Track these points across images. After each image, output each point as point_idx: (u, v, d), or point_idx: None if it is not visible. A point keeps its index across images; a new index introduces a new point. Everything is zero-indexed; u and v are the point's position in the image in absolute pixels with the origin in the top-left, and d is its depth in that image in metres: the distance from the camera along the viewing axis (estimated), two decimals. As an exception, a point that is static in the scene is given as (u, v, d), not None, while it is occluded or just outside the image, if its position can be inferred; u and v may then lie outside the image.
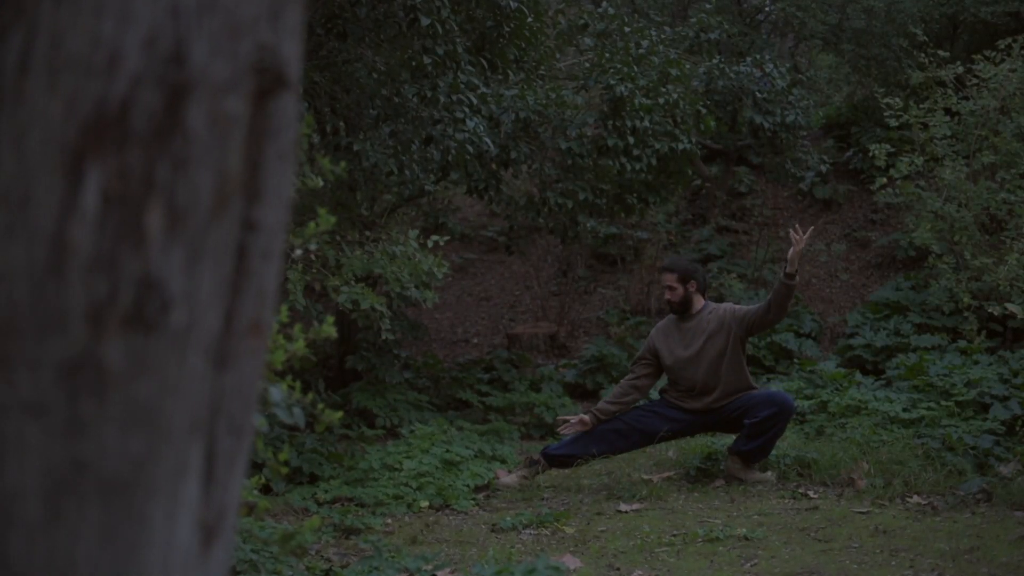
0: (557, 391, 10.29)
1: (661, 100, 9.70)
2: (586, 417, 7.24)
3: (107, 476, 1.21)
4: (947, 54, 10.99)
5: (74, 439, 1.20)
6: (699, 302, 7.33)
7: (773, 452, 7.25)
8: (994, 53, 10.53)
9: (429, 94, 8.02)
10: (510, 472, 7.47)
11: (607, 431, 7.26)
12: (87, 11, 1.20)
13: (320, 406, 2.84)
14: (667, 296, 7.34)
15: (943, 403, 7.81)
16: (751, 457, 7.10)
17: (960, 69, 10.54)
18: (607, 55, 9.76)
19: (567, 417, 7.36)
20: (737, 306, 7.34)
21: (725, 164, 14.20)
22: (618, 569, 5.42)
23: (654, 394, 7.95)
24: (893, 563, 5.21)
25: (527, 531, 6.25)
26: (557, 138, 9.70)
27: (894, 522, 5.97)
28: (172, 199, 1.21)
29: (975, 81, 10.51)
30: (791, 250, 6.91)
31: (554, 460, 7.36)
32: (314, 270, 7.47)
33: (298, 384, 2.69)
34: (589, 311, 13.11)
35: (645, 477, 7.33)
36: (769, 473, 7.18)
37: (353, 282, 7.40)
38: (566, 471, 7.48)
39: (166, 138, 1.21)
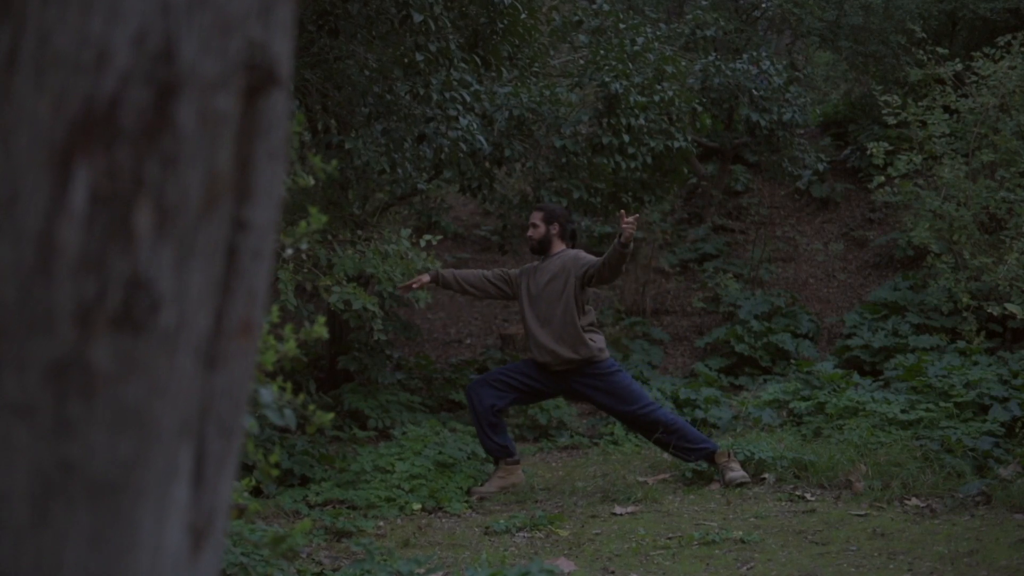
0: (552, 392, 10.22)
1: (656, 98, 9.65)
2: (426, 276, 7.43)
3: (95, 478, 1.21)
4: (946, 51, 10.99)
5: (62, 441, 1.20)
6: (558, 246, 7.56)
7: (770, 453, 7.26)
8: (993, 50, 10.53)
9: (422, 91, 7.99)
10: (481, 485, 7.45)
11: (481, 400, 7.36)
12: (75, 8, 1.20)
13: (311, 407, 2.84)
14: (529, 233, 7.59)
15: (942, 404, 7.78)
16: (692, 457, 7.23)
17: (959, 66, 10.52)
18: (602, 52, 9.71)
19: (409, 283, 7.43)
20: (585, 255, 7.47)
21: (721, 162, 14.15)
22: (613, 572, 5.42)
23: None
24: (891, 566, 5.21)
25: (521, 534, 6.25)
26: (551, 136, 9.68)
27: (892, 525, 5.97)
28: (161, 198, 1.22)
29: (974, 78, 10.48)
30: (625, 231, 6.98)
31: (494, 452, 7.39)
32: (305, 270, 7.43)
33: (289, 385, 2.68)
34: (584, 311, 13.05)
35: (640, 479, 7.34)
36: (766, 475, 7.16)
37: (345, 282, 7.35)
38: (560, 474, 7.44)
39: (155, 136, 1.21)
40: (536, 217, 7.56)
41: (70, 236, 1.19)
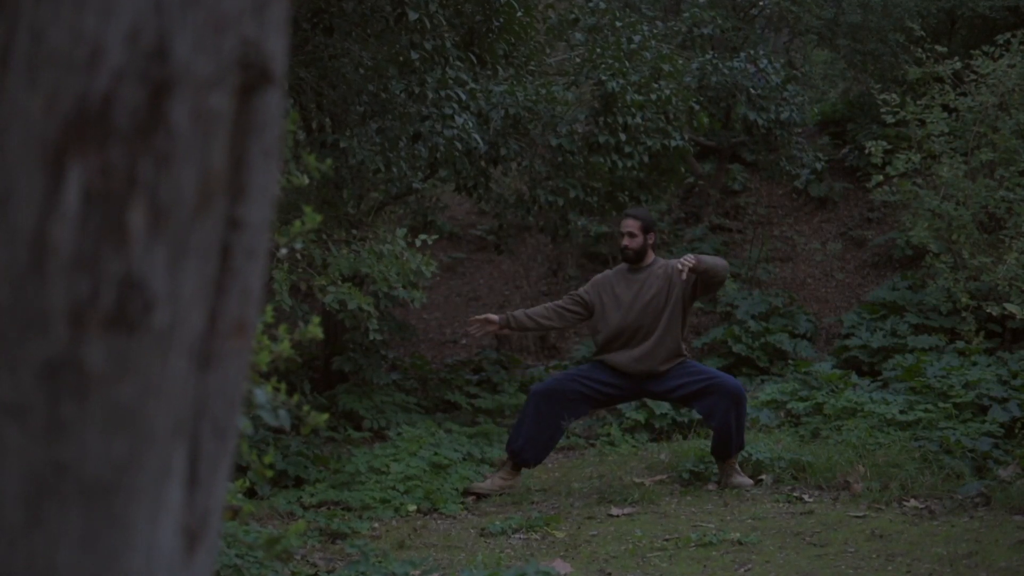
0: (547, 392, 10.21)
1: (653, 96, 9.64)
2: (494, 316, 7.28)
3: (89, 479, 1.21)
4: (945, 49, 10.95)
5: (55, 441, 1.20)
6: (651, 255, 7.46)
7: (768, 454, 7.27)
8: (993, 48, 10.50)
9: (417, 90, 7.99)
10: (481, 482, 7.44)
11: (550, 409, 7.22)
12: (68, 5, 1.20)
13: (306, 408, 2.83)
14: (625, 242, 7.42)
15: (941, 405, 7.78)
16: (730, 454, 7.12)
17: (958, 64, 10.49)
18: (598, 50, 9.70)
19: (476, 318, 7.33)
20: None
21: (718, 161, 14.12)
22: (609, 574, 5.42)
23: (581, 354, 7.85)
24: (890, 568, 5.21)
25: (516, 535, 6.25)
26: (547, 135, 9.68)
27: (891, 526, 5.96)
28: (155, 197, 1.21)
29: (973, 77, 10.46)
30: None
31: (525, 460, 7.30)
32: (300, 269, 7.45)
33: (283, 386, 2.69)
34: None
35: (637, 480, 7.34)
36: (764, 476, 7.17)
37: (340, 282, 7.38)
38: (557, 475, 7.44)
39: (149, 135, 1.21)
40: (634, 226, 7.39)
41: (63, 235, 1.18)
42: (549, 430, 7.20)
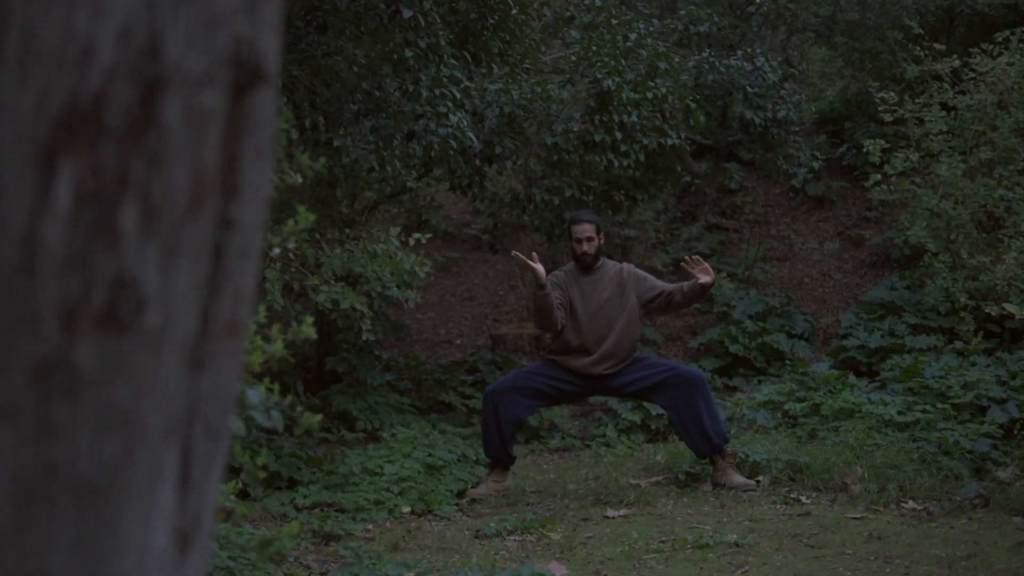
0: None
1: (649, 94, 9.63)
2: (541, 269, 7.08)
3: (80, 481, 1.21)
4: (943, 47, 10.91)
5: (46, 443, 1.20)
6: (600, 257, 7.45)
7: (765, 456, 7.28)
8: (991, 46, 10.47)
9: (411, 88, 7.96)
10: (475, 487, 7.45)
11: (507, 407, 7.20)
12: (59, 3, 1.20)
13: (299, 409, 2.84)
14: (585, 248, 7.34)
15: (939, 406, 7.77)
16: (713, 447, 7.10)
17: (957, 63, 10.47)
18: (594, 48, 9.68)
19: (522, 256, 7.21)
20: (640, 273, 7.41)
21: (715, 160, 14.07)
22: None
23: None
24: (888, 570, 5.22)
25: (512, 537, 6.27)
26: (543, 133, 9.67)
27: (889, 528, 5.98)
28: (147, 196, 1.21)
29: (972, 75, 10.44)
30: (705, 278, 7.07)
31: (502, 461, 7.32)
32: (293, 269, 7.45)
33: (276, 386, 2.70)
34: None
35: (633, 482, 7.36)
36: (761, 478, 7.16)
37: (333, 281, 7.38)
38: (552, 477, 7.44)
39: (141, 133, 1.21)
40: (590, 230, 7.36)
41: (54, 235, 1.18)
42: (511, 428, 7.24)
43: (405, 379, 10.19)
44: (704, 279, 7.06)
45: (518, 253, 7.30)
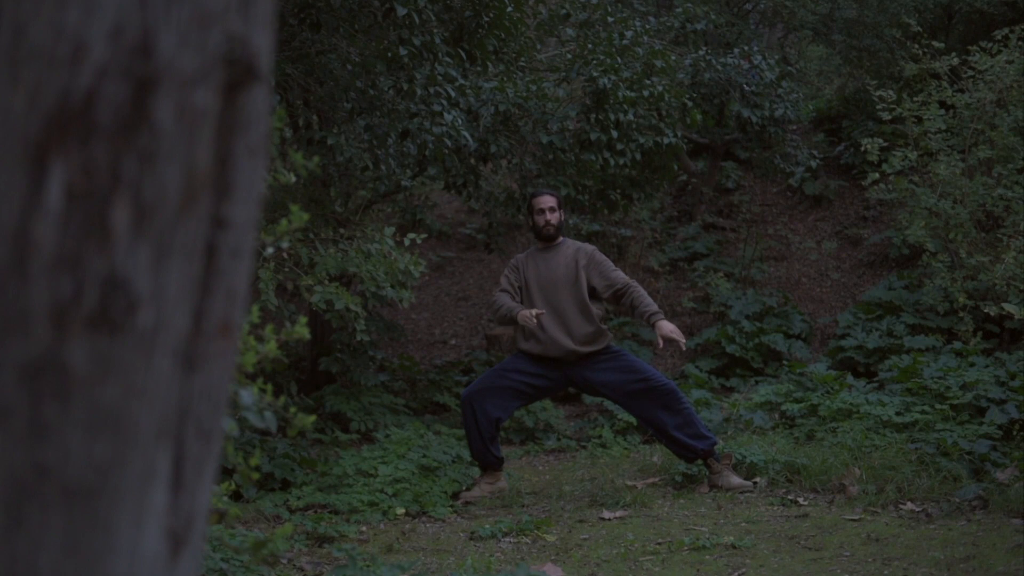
0: (538, 393, 10.18)
1: (645, 93, 9.61)
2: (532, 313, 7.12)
3: (71, 482, 1.21)
4: (942, 45, 10.90)
5: (37, 444, 1.20)
6: (560, 235, 7.48)
7: (762, 457, 7.25)
8: (990, 44, 10.47)
9: (405, 86, 7.96)
10: (469, 489, 7.42)
11: (484, 408, 7.20)
12: (51, 1, 1.20)
13: (292, 410, 2.84)
14: (548, 217, 7.39)
15: (938, 407, 7.75)
16: (698, 452, 7.07)
17: (955, 60, 10.49)
18: (589, 46, 9.67)
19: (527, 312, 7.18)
20: (600, 257, 7.38)
21: (712, 159, 14.07)
22: None
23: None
24: (886, 572, 5.20)
25: (507, 539, 6.27)
26: (538, 132, 9.65)
27: (887, 530, 5.97)
28: (139, 195, 1.21)
29: (971, 73, 10.45)
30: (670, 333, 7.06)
31: (489, 463, 7.31)
32: (286, 269, 7.44)
33: (269, 387, 2.71)
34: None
35: (629, 483, 7.34)
36: (758, 479, 7.16)
37: (327, 281, 7.39)
38: (547, 478, 7.42)
39: (132, 132, 1.21)
40: (552, 201, 7.42)
41: (45, 234, 1.18)
42: (490, 429, 7.21)
43: (399, 380, 10.19)
44: (661, 337, 7.06)
45: (527, 317, 7.16)
